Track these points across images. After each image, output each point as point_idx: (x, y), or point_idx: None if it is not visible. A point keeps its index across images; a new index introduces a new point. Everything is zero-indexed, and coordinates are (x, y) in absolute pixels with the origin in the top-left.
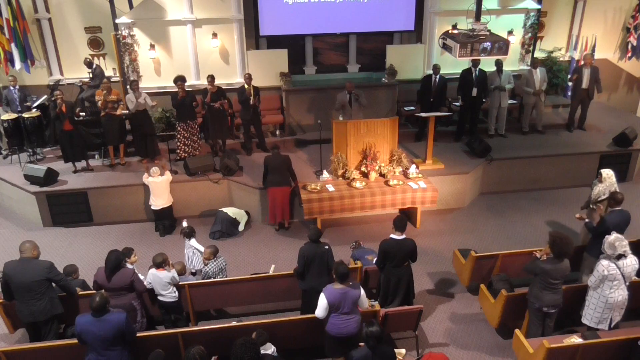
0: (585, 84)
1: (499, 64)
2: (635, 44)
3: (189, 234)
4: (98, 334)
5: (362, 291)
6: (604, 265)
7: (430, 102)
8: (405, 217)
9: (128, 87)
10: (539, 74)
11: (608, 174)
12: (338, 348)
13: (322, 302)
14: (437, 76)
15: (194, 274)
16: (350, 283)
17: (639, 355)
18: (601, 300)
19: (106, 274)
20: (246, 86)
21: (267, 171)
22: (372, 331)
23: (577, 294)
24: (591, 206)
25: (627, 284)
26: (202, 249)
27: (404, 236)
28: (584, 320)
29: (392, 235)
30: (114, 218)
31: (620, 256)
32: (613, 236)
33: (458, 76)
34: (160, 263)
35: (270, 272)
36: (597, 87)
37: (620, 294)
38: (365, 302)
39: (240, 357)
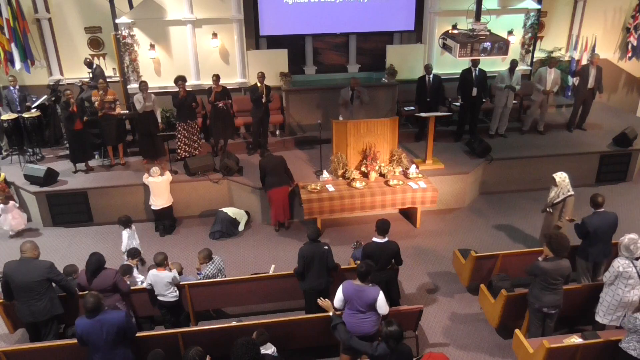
0: (590, 83)
1: (513, 63)
2: (635, 44)
3: (126, 222)
4: (101, 335)
5: (381, 296)
6: (620, 262)
7: (427, 102)
8: (407, 219)
9: (129, 86)
10: (553, 74)
11: (561, 177)
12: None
13: (338, 294)
14: (431, 76)
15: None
16: (371, 285)
17: (623, 358)
18: (615, 298)
19: (87, 277)
20: (259, 84)
21: (265, 174)
22: (391, 331)
23: (580, 294)
24: (548, 209)
25: None
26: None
27: (386, 239)
28: (597, 317)
29: (375, 239)
30: (114, 218)
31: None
32: (627, 239)
33: (458, 76)
34: (162, 262)
35: (270, 272)
36: (599, 87)
37: (635, 294)
38: (383, 308)
39: (240, 357)
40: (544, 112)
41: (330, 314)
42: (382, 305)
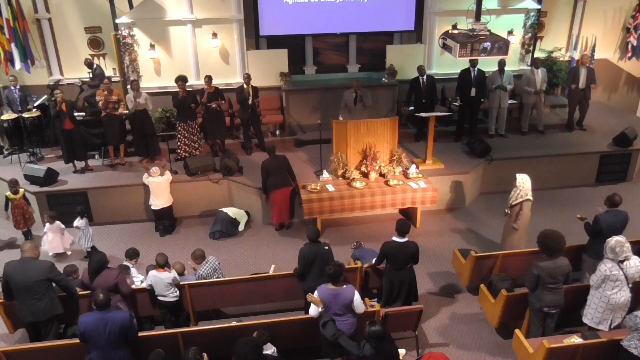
0: (582, 83)
1: (501, 64)
2: (635, 44)
3: (81, 212)
4: (103, 334)
5: (357, 295)
6: (607, 266)
7: (422, 103)
8: (407, 219)
9: (128, 86)
10: (540, 74)
11: (522, 179)
12: (332, 348)
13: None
14: (424, 77)
15: (89, 253)
16: (344, 286)
17: (624, 356)
18: (602, 300)
19: (89, 276)
20: (245, 86)
21: (268, 175)
22: (374, 331)
23: (578, 294)
24: (506, 210)
25: (630, 285)
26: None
27: (406, 239)
28: (585, 320)
29: (395, 238)
30: (114, 218)
31: (624, 260)
32: (613, 241)
33: (456, 76)
34: (164, 264)
35: (270, 272)
36: (592, 81)
37: (622, 295)
38: (359, 307)
39: (243, 357)
40: (540, 112)
41: (320, 310)
42: (358, 304)
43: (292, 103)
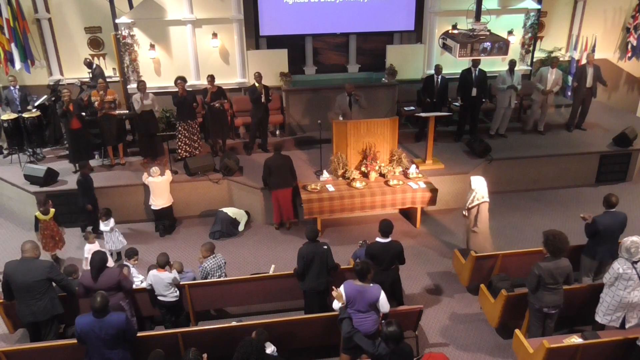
0: (589, 82)
1: (512, 64)
2: (635, 44)
3: (108, 213)
4: (99, 335)
5: (383, 295)
6: (620, 264)
7: (432, 102)
8: (407, 219)
9: (129, 86)
10: (554, 74)
11: (476, 182)
12: (352, 346)
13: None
14: (439, 76)
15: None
16: (371, 284)
17: (638, 354)
18: (615, 299)
19: (92, 275)
20: (257, 85)
21: (270, 173)
22: (391, 332)
23: (580, 294)
24: (464, 212)
25: None
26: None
27: (389, 239)
28: (597, 317)
29: (378, 239)
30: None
31: (638, 260)
32: (629, 241)
33: (458, 76)
34: (163, 263)
35: (270, 272)
36: (601, 81)
37: (636, 295)
38: (385, 306)
39: (247, 357)
40: (544, 112)
41: (340, 304)
42: (384, 304)
43: (292, 103)
